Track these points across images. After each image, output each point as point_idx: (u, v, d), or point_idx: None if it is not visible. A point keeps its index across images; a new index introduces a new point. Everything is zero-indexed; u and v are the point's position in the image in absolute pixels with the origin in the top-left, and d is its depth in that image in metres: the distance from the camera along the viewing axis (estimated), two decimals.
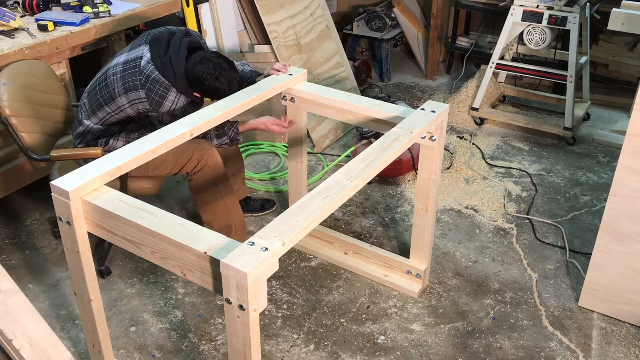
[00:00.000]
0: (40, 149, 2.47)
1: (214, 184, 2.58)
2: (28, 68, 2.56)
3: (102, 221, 1.71)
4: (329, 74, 3.96)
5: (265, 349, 2.32)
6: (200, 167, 2.54)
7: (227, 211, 2.64)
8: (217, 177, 2.58)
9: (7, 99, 2.37)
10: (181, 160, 2.51)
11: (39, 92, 2.54)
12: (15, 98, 2.41)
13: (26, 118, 2.43)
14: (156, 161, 2.45)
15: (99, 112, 2.39)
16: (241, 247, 1.50)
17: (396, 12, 4.82)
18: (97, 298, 1.90)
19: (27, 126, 2.43)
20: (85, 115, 2.44)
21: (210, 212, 2.63)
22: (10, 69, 2.48)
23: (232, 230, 2.65)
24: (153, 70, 2.28)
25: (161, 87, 2.28)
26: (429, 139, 2.27)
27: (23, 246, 2.87)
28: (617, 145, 3.71)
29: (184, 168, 2.53)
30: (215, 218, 2.64)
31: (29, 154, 2.42)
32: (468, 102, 4.12)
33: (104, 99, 2.36)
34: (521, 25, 3.71)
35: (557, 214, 3.13)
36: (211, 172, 2.56)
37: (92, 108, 2.42)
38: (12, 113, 2.38)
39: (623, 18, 3.03)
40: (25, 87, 2.48)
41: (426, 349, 2.33)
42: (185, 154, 2.50)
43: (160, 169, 2.53)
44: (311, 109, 2.49)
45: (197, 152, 2.52)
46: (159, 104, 2.30)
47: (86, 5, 3.00)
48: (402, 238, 2.95)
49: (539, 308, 2.53)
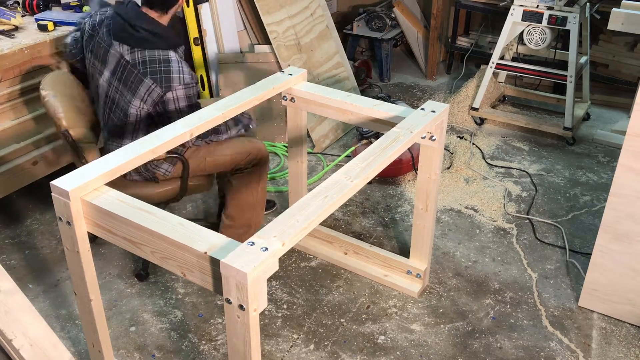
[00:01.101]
0: (91, 154, 2.40)
1: (258, 178, 2.61)
2: (61, 79, 2.50)
3: (102, 221, 1.71)
4: (329, 74, 3.96)
5: (265, 349, 2.32)
6: (252, 165, 2.57)
7: (253, 210, 2.66)
8: (262, 173, 2.62)
9: (63, 111, 2.31)
10: (237, 159, 2.53)
11: (78, 101, 2.51)
12: (68, 108, 2.35)
13: (78, 128, 2.36)
14: (213, 162, 2.50)
15: (127, 130, 2.34)
16: (241, 247, 1.49)
17: (396, 12, 4.82)
18: (97, 298, 1.90)
19: (79, 134, 2.36)
20: (117, 143, 2.37)
21: (239, 208, 2.65)
22: (51, 81, 2.42)
23: (249, 230, 2.67)
24: (142, 53, 2.22)
25: (161, 63, 2.22)
26: (429, 139, 2.27)
27: (23, 246, 2.87)
28: (617, 145, 3.71)
29: (239, 165, 2.55)
30: (241, 215, 2.65)
31: (85, 162, 2.34)
32: (468, 102, 4.12)
33: (121, 119, 2.30)
34: (521, 25, 3.71)
35: (557, 214, 3.13)
36: (259, 172, 2.59)
37: (118, 133, 2.35)
38: (68, 124, 2.31)
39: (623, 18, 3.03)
40: (70, 97, 2.43)
41: (426, 349, 2.33)
42: (242, 153, 2.52)
43: (218, 167, 2.54)
44: (311, 109, 2.49)
45: (254, 150, 2.54)
46: (168, 79, 2.21)
47: (86, 6, 3.00)
48: (402, 238, 2.95)
49: (539, 308, 2.53)
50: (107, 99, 2.35)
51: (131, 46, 2.23)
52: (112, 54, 2.28)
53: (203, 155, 2.48)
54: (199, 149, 2.46)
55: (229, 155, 2.50)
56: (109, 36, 2.28)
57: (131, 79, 2.24)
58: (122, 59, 2.25)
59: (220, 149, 2.50)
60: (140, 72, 2.22)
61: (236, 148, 2.51)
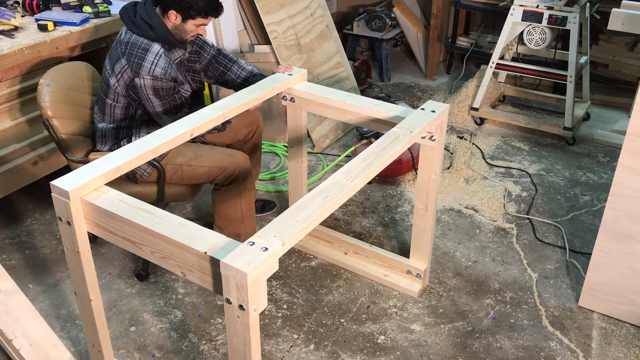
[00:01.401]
0: (79, 150, 2.50)
1: (238, 195, 2.59)
2: (72, 70, 2.58)
3: (102, 221, 1.71)
4: (329, 74, 3.96)
5: (265, 349, 2.32)
6: (231, 180, 2.55)
7: (241, 221, 2.65)
8: (243, 190, 2.60)
9: (49, 100, 2.40)
10: (214, 173, 2.52)
11: (82, 93, 2.57)
12: (58, 99, 2.43)
13: (67, 119, 2.46)
14: (190, 172, 2.50)
15: (105, 108, 2.43)
16: (241, 247, 1.50)
17: (396, 12, 4.82)
18: (97, 298, 1.90)
19: (67, 127, 2.46)
20: (99, 119, 2.48)
21: (225, 219, 2.64)
22: (55, 71, 2.50)
23: (240, 239, 2.65)
24: (131, 36, 2.33)
25: (139, 50, 2.31)
26: (429, 139, 2.27)
27: (23, 246, 2.87)
28: (617, 145, 3.71)
29: (216, 180, 2.54)
30: (228, 225, 2.65)
31: (68, 155, 2.44)
32: (468, 102, 4.12)
33: (104, 92, 2.41)
34: (521, 25, 3.71)
35: (557, 214, 3.13)
36: (239, 186, 2.58)
37: (100, 108, 2.46)
38: (53, 114, 2.40)
39: (623, 18, 3.03)
40: (68, 88, 2.50)
41: (426, 349, 2.33)
42: (220, 167, 2.51)
43: (195, 179, 2.54)
44: (311, 109, 2.49)
45: (231, 166, 2.52)
46: (139, 65, 2.30)
47: (86, 5, 3.00)
48: (402, 238, 2.95)
49: (539, 308, 2.53)
50: (102, 71, 2.46)
51: (127, 27, 2.36)
52: (119, 34, 2.42)
53: (180, 163, 2.48)
54: (176, 156, 2.47)
55: (206, 167, 2.49)
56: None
57: (114, 55, 2.36)
58: (119, 37, 2.39)
59: (198, 159, 2.50)
60: (121, 51, 2.33)
61: (214, 161, 2.50)
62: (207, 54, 2.62)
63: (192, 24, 2.35)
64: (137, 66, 2.30)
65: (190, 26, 2.36)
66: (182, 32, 2.38)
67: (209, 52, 2.63)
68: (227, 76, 2.66)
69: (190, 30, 2.38)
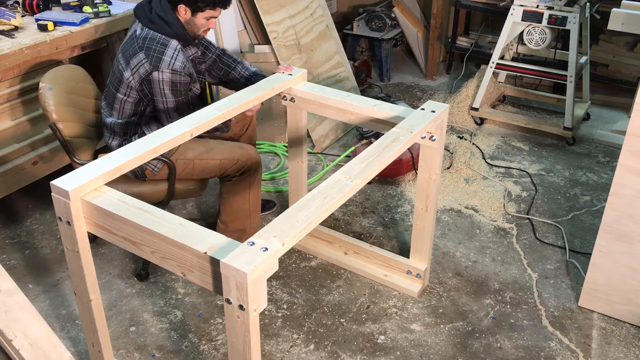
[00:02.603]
0: (83, 152, 2.50)
1: (248, 187, 2.60)
2: (68, 73, 2.58)
3: (102, 221, 1.71)
4: (329, 74, 3.96)
5: (265, 349, 2.32)
6: (242, 172, 2.56)
7: (247, 216, 2.66)
8: (252, 182, 2.61)
9: (53, 104, 2.39)
10: (226, 165, 2.52)
11: (81, 96, 2.57)
12: (61, 103, 2.43)
13: (70, 122, 2.46)
14: (202, 165, 2.50)
15: (115, 103, 2.42)
16: (241, 247, 1.50)
17: (396, 12, 4.82)
18: (97, 298, 1.90)
19: (72, 130, 2.45)
20: (107, 114, 2.48)
21: (232, 213, 2.65)
22: (53, 74, 2.50)
23: (245, 235, 2.67)
24: (148, 32, 2.33)
25: (158, 44, 2.31)
26: (429, 139, 2.27)
27: (23, 246, 2.87)
28: (617, 145, 3.71)
29: (228, 171, 2.55)
30: (234, 219, 2.66)
31: (76, 159, 2.44)
32: (468, 102, 4.12)
33: (115, 86, 2.40)
34: (521, 25, 3.71)
35: (557, 214, 3.13)
36: (249, 179, 2.59)
37: (108, 103, 2.46)
38: (58, 117, 2.40)
39: (623, 18, 3.03)
40: (68, 92, 2.50)
41: (426, 349, 2.33)
42: (232, 159, 2.52)
43: (206, 172, 2.54)
44: (311, 109, 2.49)
45: (243, 157, 2.53)
46: (158, 59, 2.29)
47: (86, 5, 3.00)
48: (402, 238, 2.95)
49: (539, 308, 2.53)
50: (113, 66, 2.46)
51: (143, 24, 2.35)
52: (130, 30, 2.41)
53: (191, 157, 2.48)
54: (186, 151, 2.47)
55: (217, 160, 2.50)
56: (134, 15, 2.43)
57: (130, 49, 2.35)
58: (134, 33, 2.38)
59: (210, 153, 2.50)
60: (138, 45, 2.32)
61: (225, 153, 2.51)
62: (212, 54, 2.64)
63: (202, 17, 2.36)
64: (156, 60, 2.30)
65: (200, 20, 2.37)
66: (193, 27, 2.39)
67: (213, 52, 2.64)
68: (231, 75, 2.67)
69: (201, 25, 2.39)
